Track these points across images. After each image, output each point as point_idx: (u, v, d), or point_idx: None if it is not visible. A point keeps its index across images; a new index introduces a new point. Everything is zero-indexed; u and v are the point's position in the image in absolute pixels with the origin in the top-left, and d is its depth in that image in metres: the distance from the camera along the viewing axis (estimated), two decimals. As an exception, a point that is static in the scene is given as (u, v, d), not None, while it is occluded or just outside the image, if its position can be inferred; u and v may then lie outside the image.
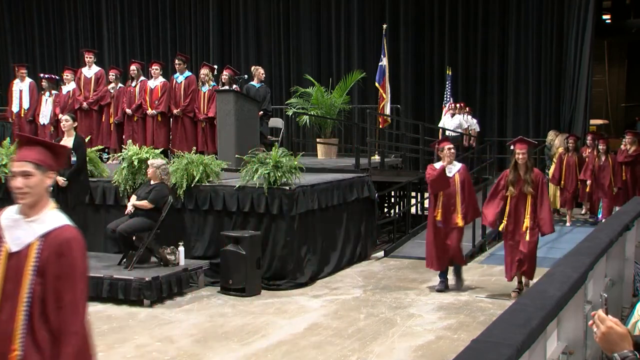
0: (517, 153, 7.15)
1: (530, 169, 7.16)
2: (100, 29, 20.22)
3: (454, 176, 7.61)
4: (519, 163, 7.14)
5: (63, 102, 11.85)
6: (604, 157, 11.91)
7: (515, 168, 7.19)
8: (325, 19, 17.69)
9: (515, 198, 7.20)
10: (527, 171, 7.14)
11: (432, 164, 7.88)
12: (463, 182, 7.64)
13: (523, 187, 7.13)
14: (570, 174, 12.41)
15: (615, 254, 4.95)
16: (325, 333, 6.29)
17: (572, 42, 14.97)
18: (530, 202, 7.17)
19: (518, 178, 7.16)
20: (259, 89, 11.84)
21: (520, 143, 7.22)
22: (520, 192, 7.16)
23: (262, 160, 8.14)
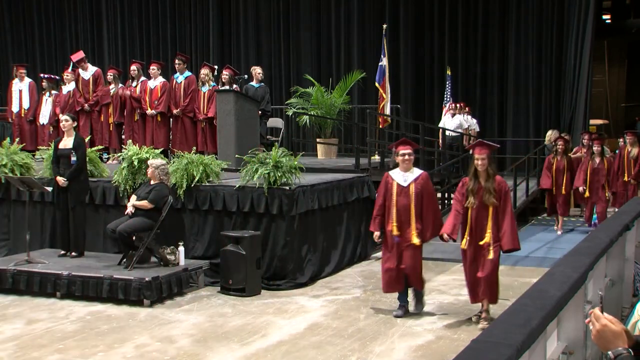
0: (476, 158, 6.34)
1: (491, 176, 6.31)
2: (100, 29, 20.23)
3: (409, 186, 6.64)
4: (479, 170, 6.32)
5: (63, 102, 11.86)
6: (598, 159, 11.23)
7: (476, 175, 6.37)
8: (325, 19, 17.69)
9: (475, 209, 6.34)
10: (488, 179, 6.30)
11: (389, 172, 6.91)
12: (420, 194, 6.62)
13: (484, 197, 6.28)
14: (560, 178, 11.65)
15: (615, 254, 4.95)
16: (325, 333, 6.29)
17: (572, 42, 14.98)
18: (492, 214, 6.30)
19: (478, 187, 6.33)
20: (258, 89, 11.86)
21: (480, 147, 6.42)
22: (480, 203, 6.30)
23: (262, 160, 8.14)
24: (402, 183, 6.65)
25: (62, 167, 8.22)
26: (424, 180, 6.71)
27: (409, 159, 6.67)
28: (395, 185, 6.66)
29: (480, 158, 6.30)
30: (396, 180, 6.68)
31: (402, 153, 6.68)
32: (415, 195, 6.61)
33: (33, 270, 7.69)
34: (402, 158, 6.67)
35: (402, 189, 6.64)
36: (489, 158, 6.34)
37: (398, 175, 6.72)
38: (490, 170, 6.31)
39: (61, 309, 7.12)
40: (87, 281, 7.41)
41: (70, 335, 6.24)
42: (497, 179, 6.32)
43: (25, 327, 6.51)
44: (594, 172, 11.15)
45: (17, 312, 7.04)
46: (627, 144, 12.52)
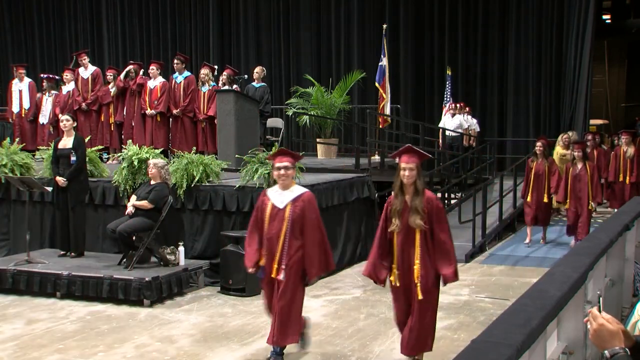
0: (402, 168, 4.90)
1: (420, 193, 4.90)
2: (100, 29, 20.23)
3: (284, 208, 5.22)
4: (405, 183, 4.90)
5: (63, 102, 11.86)
6: (579, 165, 9.79)
7: (402, 191, 4.95)
8: (325, 19, 17.69)
9: (401, 235, 4.95)
10: (415, 195, 4.89)
11: (268, 189, 5.60)
12: (298, 219, 5.19)
13: (410, 219, 4.87)
14: (538, 184, 10.41)
15: (615, 254, 4.95)
16: (325, 333, 6.29)
17: (572, 42, 14.98)
18: (419, 240, 4.90)
19: (404, 206, 4.92)
20: (258, 89, 11.87)
21: (408, 155, 4.93)
22: (406, 226, 4.90)
23: (262, 160, 8.14)
24: (278, 204, 5.24)
25: (62, 167, 8.22)
26: (307, 202, 5.24)
27: (285, 174, 5.23)
28: (270, 206, 5.27)
29: (408, 168, 4.85)
30: (272, 200, 5.29)
31: (277, 166, 5.24)
32: (292, 220, 5.18)
33: (33, 270, 7.69)
34: (278, 173, 5.24)
35: (276, 211, 5.23)
36: (418, 169, 4.91)
37: (275, 194, 5.31)
38: (418, 185, 4.90)
39: (61, 309, 7.12)
40: (87, 281, 7.41)
41: (70, 335, 6.24)
42: (427, 195, 4.94)
43: (25, 327, 6.51)
44: (575, 180, 9.77)
45: (17, 312, 7.04)
46: (623, 144, 12.55)
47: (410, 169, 4.85)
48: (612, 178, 12.72)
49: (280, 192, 5.30)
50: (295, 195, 5.25)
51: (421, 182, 4.95)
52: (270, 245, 5.23)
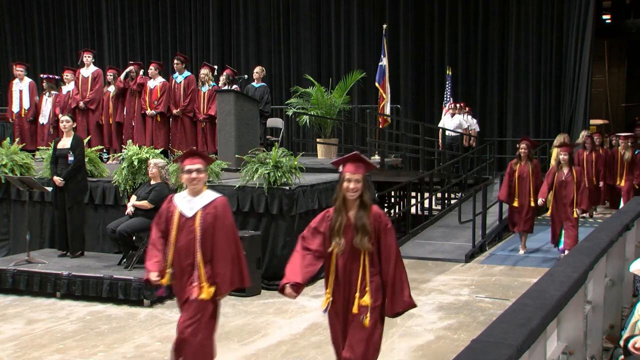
0: (346, 180, 4.09)
1: (367, 208, 4.10)
2: (100, 29, 20.24)
3: (194, 217, 4.48)
4: (348, 198, 4.08)
5: (63, 102, 11.86)
6: (565, 170, 9.04)
7: (344, 206, 4.11)
8: (325, 19, 17.70)
9: (343, 258, 4.11)
10: (362, 211, 4.09)
11: (175, 195, 4.77)
12: (210, 228, 4.46)
13: (355, 239, 4.07)
14: (522, 188, 9.79)
15: (615, 254, 4.95)
16: (325, 333, 6.28)
17: (572, 42, 14.98)
18: (364, 265, 4.10)
19: (347, 223, 4.10)
20: (258, 89, 11.88)
21: (354, 164, 4.13)
22: (350, 248, 4.09)
23: (262, 160, 8.14)
24: (187, 212, 4.50)
25: (60, 167, 8.22)
26: (220, 209, 4.51)
27: (196, 178, 4.49)
28: (177, 215, 4.53)
29: (354, 180, 4.07)
30: (180, 207, 4.54)
31: (188, 169, 4.50)
32: (203, 230, 4.46)
33: (33, 270, 7.70)
34: (189, 176, 4.49)
35: (184, 220, 4.50)
36: (364, 181, 4.13)
37: (183, 201, 4.57)
38: (365, 199, 4.12)
39: (61, 309, 7.12)
40: (87, 281, 7.41)
41: (70, 335, 6.24)
42: (374, 211, 4.13)
43: (25, 327, 6.51)
44: (560, 185, 9.06)
45: (17, 312, 7.04)
46: (620, 148, 12.42)
47: (357, 180, 4.07)
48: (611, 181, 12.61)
49: (189, 199, 4.54)
50: (206, 202, 4.50)
51: (368, 195, 4.17)
52: (179, 260, 4.50)
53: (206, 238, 4.47)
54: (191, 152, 4.72)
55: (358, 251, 4.09)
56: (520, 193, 9.80)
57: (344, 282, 4.16)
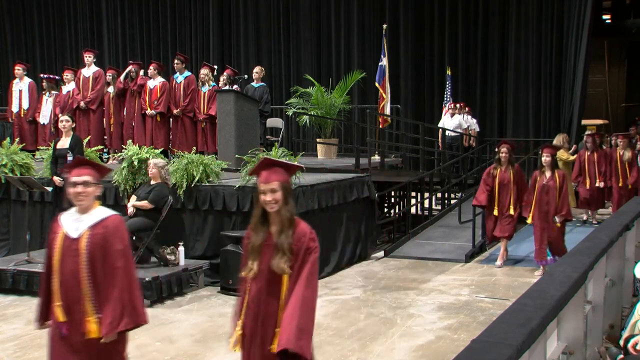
0: (261, 191, 3.40)
1: (289, 224, 3.41)
2: (100, 29, 20.24)
3: (79, 238, 3.64)
4: (269, 211, 3.41)
5: (63, 102, 11.86)
6: (548, 174, 8.36)
7: (264, 221, 3.46)
8: (325, 19, 17.70)
9: (259, 282, 3.43)
10: (285, 227, 3.40)
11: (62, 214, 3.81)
12: (97, 252, 3.61)
13: (273, 261, 3.37)
14: (503, 196, 9.05)
15: (615, 254, 4.95)
16: (325, 333, 6.29)
17: (572, 42, 14.98)
18: (284, 292, 3.38)
19: (266, 241, 3.43)
20: (257, 89, 11.89)
21: (267, 171, 3.43)
22: (267, 271, 3.40)
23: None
24: (72, 233, 3.67)
25: (60, 167, 8.23)
26: (110, 228, 3.64)
27: (83, 192, 3.68)
28: (61, 235, 3.69)
29: (269, 190, 3.37)
30: (64, 227, 3.71)
31: (73, 181, 3.67)
32: (89, 253, 3.60)
33: (33, 270, 7.70)
34: (74, 190, 3.68)
35: (69, 243, 3.65)
36: (285, 190, 3.40)
37: (69, 220, 3.73)
38: (286, 212, 3.40)
39: (61, 309, 7.12)
40: (87, 281, 7.40)
41: (70, 335, 6.23)
42: (300, 228, 3.44)
43: (25, 327, 6.50)
44: (542, 191, 8.36)
45: (17, 312, 7.04)
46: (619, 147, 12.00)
47: (272, 190, 3.35)
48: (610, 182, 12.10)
49: (76, 217, 3.70)
50: (94, 221, 3.65)
51: (290, 208, 3.41)
52: (66, 291, 3.60)
53: (94, 263, 3.58)
54: (78, 161, 3.90)
55: (278, 276, 3.37)
56: (501, 201, 9.03)
57: (257, 313, 3.40)
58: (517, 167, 9.22)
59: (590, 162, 12.01)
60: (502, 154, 9.09)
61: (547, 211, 8.34)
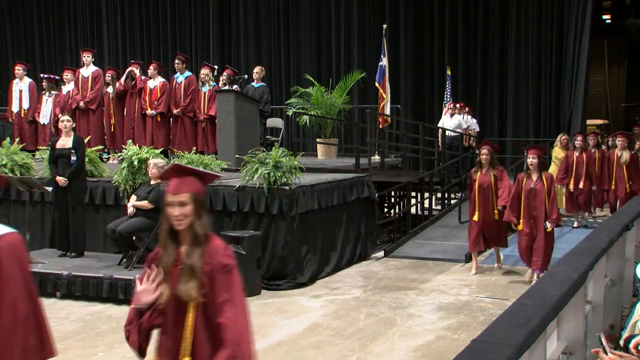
0: (168, 204, 2.86)
1: (200, 241, 2.86)
2: (100, 29, 20.25)
3: None
4: (178, 229, 2.87)
5: (63, 102, 11.86)
6: (535, 176, 7.76)
7: (174, 239, 2.91)
8: (325, 19, 17.71)
9: (169, 311, 2.88)
10: (194, 245, 2.86)
11: None
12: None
13: (180, 285, 2.83)
14: (485, 199, 8.45)
15: (615, 254, 4.95)
16: (325, 333, 6.29)
17: (571, 43, 14.99)
18: (192, 321, 2.82)
19: (176, 261, 2.89)
20: (257, 89, 11.89)
21: (176, 180, 2.89)
22: (175, 297, 2.85)
23: (262, 160, 8.14)
24: None
25: (61, 167, 8.22)
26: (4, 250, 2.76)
27: None
28: None
29: (177, 202, 2.85)
30: None
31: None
32: None
33: (33, 270, 7.65)
34: None
35: None
36: (197, 202, 2.88)
37: None
38: (197, 229, 2.86)
39: (61, 309, 7.12)
40: (87, 281, 7.41)
41: (70, 335, 6.24)
42: (212, 245, 2.88)
43: (25, 327, 6.50)
44: (529, 195, 7.78)
45: (17, 312, 7.03)
46: (618, 148, 11.32)
47: (181, 203, 2.83)
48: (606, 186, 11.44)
49: None
50: None
51: (203, 223, 2.88)
52: None
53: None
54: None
55: (183, 303, 2.80)
56: (482, 205, 8.45)
57: (168, 347, 2.87)
58: (500, 170, 8.61)
59: (579, 163, 11.23)
60: (482, 156, 8.52)
61: (535, 216, 7.76)
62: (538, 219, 7.75)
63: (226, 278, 2.82)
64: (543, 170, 7.88)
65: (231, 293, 2.80)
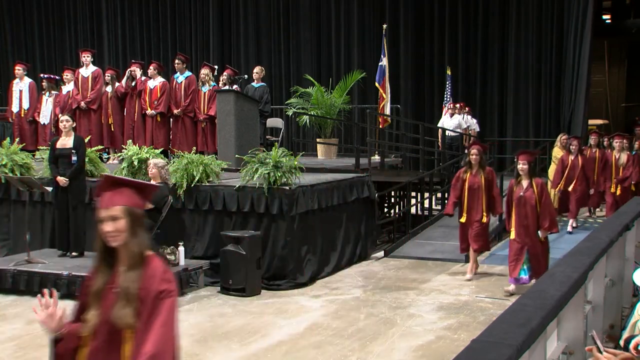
0: (100, 218, 2.61)
1: (136, 262, 2.61)
2: (100, 29, 20.25)
3: None
4: (111, 245, 2.62)
5: (63, 102, 11.86)
6: (525, 183, 7.46)
7: (110, 257, 2.65)
8: (325, 19, 17.71)
9: (97, 339, 2.64)
10: (131, 267, 2.60)
11: None
12: None
13: (114, 310, 2.56)
14: (472, 202, 8.25)
15: (615, 254, 4.95)
16: (325, 333, 6.29)
17: (571, 43, 14.99)
18: (127, 352, 2.57)
19: (111, 283, 2.63)
20: (257, 89, 11.89)
21: (112, 193, 2.63)
22: (107, 325, 2.60)
23: (262, 160, 8.14)
24: None
25: (62, 167, 8.22)
26: None
27: None
28: None
29: (108, 217, 2.59)
30: None
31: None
32: None
33: (33, 270, 7.70)
34: None
35: None
36: (132, 217, 2.61)
37: None
38: (133, 246, 2.60)
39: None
40: (87, 281, 7.40)
41: (70, 335, 6.23)
42: (151, 267, 2.61)
43: (25, 327, 6.51)
44: (519, 203, 7.49)
45: (17, 312, 7.04)
46: (615, 149, 11.12)
47: (113, 218, 2.57)
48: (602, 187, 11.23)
49: None
50: None
51: (140, 241, 2.60)
52: None
53: None
54: None
55: (120, 331, 2.55)
56: (470, 207, 8.24)
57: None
58: (489, 171, 8.42)
59: (574, 166, 10.92)
60: (472, 156, 8.28)
61: (526, 225, 7.46)
62: (530, 227, 7.47)
63: (160, 306, 2.52)
64: (534, 176, 7.59)
65: (162, 323, 2.50)
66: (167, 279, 2.59)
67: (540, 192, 7.45)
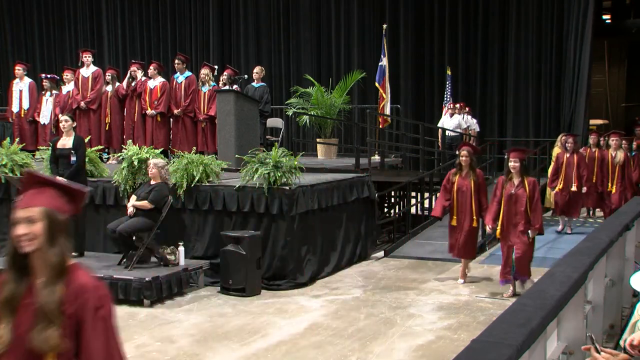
0: (15, 220, 2.30)
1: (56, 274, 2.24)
2: (100, 29, 20.24)
3: None
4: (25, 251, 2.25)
5: (63, 102, 11.86)
6: (516, 181, 7.30)
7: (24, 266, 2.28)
8: (325, 19, 17.71)
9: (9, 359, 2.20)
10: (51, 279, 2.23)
11: None
12: None
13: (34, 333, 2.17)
14: (462, 204, 8.09)
15: (615, 254, 4.96)
16: (325, 333, 6.29)
17: (572, 43, 14.98)
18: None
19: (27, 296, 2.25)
20: (257, 89, 11.89)
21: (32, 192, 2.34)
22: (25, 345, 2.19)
23: (262, 160, 8.14)
24: None
25: (62, 167, 8.22)
26: None
27: None
28: None
29: (24, 219, 2.29)
30: None
31: None
32: None
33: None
34: None
35: None
36: (51, 223, 2.29)
37: None
38: (54, 257, 2.27)
39: (61, 309, 7.11)
40: (87, 281, 7.40)
41: (70, 335, 6.23)
42: (77, 281, 2.32)
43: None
44: (510, 201, 7.33)
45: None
46: (612, 148, 11.05)
47: (29, 220, 2.28)
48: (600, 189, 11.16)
49: None
50: None
51: (57, 250, 2.27)
52: None
53: None
54: None
55: (40, 356, 2.20)
56: (460, 210, 8.09)
57: None
58: (479, 173, 8.23)
59: (570, 164, 10.82)
60: (462, 158, 8.09)
61: (515, 224, 7.32)
62: (518, 226, 7.31)
63: (99, 323, 2.25)
64: (526, 174, 7.39)
65: (105, 342, 2.24)
66: (100, 294, 2.34)
67: (532, 190, 7.29)
